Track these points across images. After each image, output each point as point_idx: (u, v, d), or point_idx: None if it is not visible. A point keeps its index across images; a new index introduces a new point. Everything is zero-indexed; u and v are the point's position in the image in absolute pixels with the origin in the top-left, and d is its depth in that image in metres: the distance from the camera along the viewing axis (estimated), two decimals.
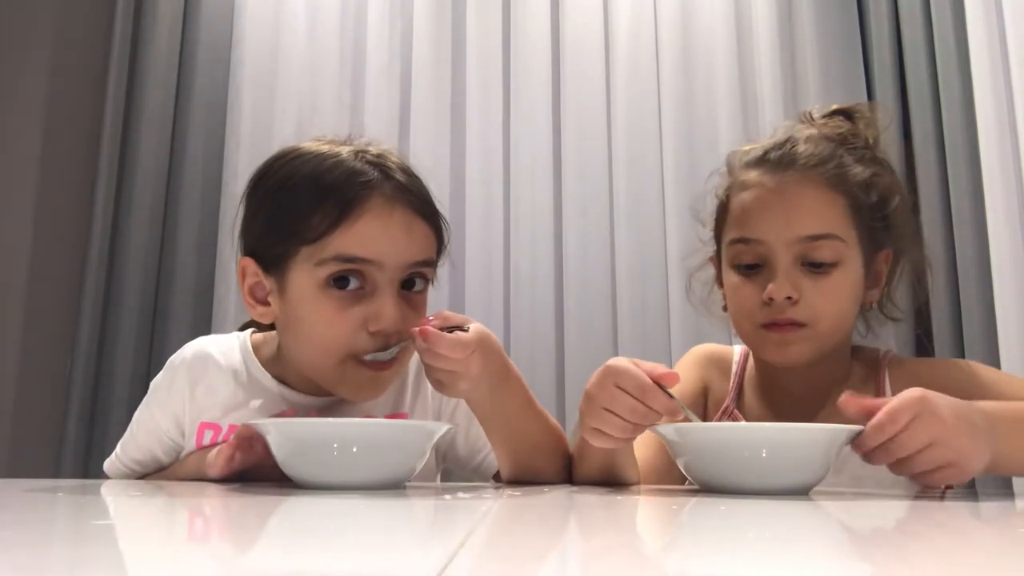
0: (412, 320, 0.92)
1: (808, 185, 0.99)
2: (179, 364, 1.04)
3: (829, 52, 2.11)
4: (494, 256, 2.12)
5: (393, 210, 0.91)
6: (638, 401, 0.80)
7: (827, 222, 0.98)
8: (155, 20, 2.16)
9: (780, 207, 0.99)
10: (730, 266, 1.04)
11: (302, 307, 0.92)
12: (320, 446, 0.78)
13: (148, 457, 1.05)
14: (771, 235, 0.99)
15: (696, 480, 0.82)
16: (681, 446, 0.81)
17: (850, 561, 0.44)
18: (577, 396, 1.96)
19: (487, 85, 2.20)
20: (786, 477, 0.77)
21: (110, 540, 0.47)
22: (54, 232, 2.16)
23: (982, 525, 0.65)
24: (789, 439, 0.78)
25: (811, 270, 0.98)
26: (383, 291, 0.91)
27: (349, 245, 0.89)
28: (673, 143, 2.13)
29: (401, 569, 0.38)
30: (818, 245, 0.97)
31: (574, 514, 0.70)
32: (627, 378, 0.80)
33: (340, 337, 0.91)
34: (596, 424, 0.82)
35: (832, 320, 0.99)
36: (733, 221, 1.04)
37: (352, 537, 0.50)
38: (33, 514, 0.62)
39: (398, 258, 0.91)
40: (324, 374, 0.94)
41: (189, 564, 0.40)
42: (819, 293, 0.98)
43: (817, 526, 0.60)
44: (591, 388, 0.83)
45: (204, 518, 0.64)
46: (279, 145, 1.03)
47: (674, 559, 0.44)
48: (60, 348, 2.06)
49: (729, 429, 0.91)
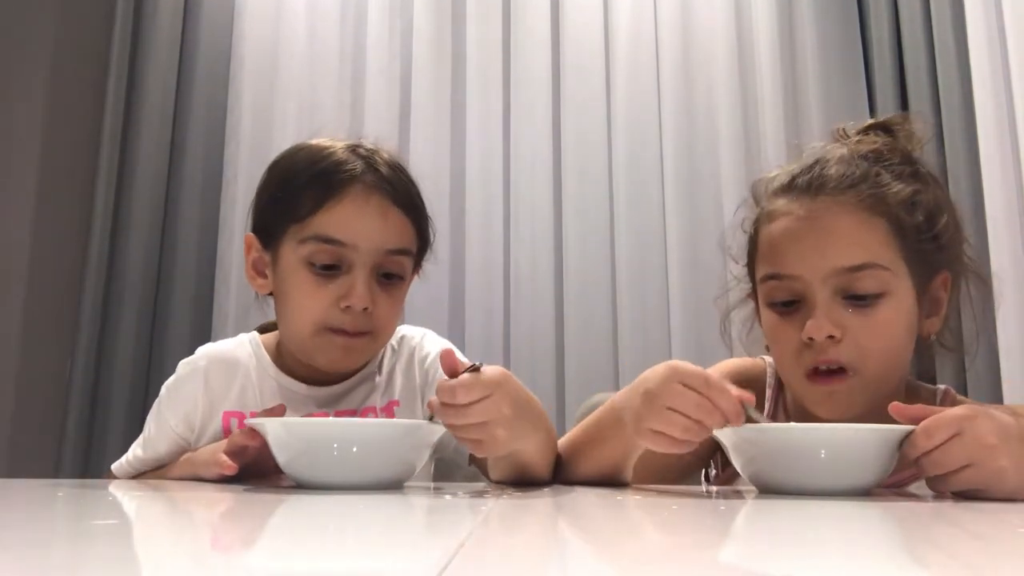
0: (385, 305, 1.01)
1: (842, 210, 0.90)
2: (189, 364, 1.09)
3: (829, 52, 2.11)
4: (494, 256, 2.12)
5: (370, 197, 1.00)
6: (704, 397, 0.75)
7: (867, 250, 0.89)
8: (155, 20, 2.16)
9: (813, 237, 0.90)
10: (765, 305, 0.95)
11: (287, 281, 1.02)
12: (320, 446, 0.78)
13: (152, 456, 1.07)
14: (805, 269, 0.90)
15: (754, 481, 0.80)
16: (739, 447, 0.79)
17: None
18: (577, 396, 1.98)
19: (487, 85, 2.20)
20: (845, 478, 0.75)
21: (111, 540, 0.47)
22: (54, 232, 2.16)
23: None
24: (849, 439, 0.76)
25: (854, 304, 0.89)
26: (356, 272, 0.99)
27: (327, 226, 0.99)
28: (673, 143, 2.13)
29: (401, 569, 0.39)
30: (859, 276, 0.88)
31: (574, 514, 0.70)
32: (693, 376, 0.77)
33: (315, 309, 0.99)
34: (659, 425, 0.77)
35: (881, 360, 0.90)
36: (763, 256, 0.95)
37: (352, 537, 0.50)
38: (33, 514, 0.62)
39: (371, 242, 0.99)
40: (303, 344, 1.02)
41: (189, 564, 0.40)
42: (865, 330, 0.88)
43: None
44: (654, 387, 0.78)
45: (204, 518, 0.64)
46: (279, 145, 1.12)
47: (678, 560, 0.44)
48: (60, 348, 2.06)
49: (788, 430, 0.84)
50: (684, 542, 0.52)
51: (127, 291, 2.05)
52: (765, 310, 0.95)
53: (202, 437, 1.05)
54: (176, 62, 2.18)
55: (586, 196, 2.13)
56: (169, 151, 2.14)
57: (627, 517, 0.66)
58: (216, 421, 1.05)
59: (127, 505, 0.69)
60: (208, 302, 2.08)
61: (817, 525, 0.59)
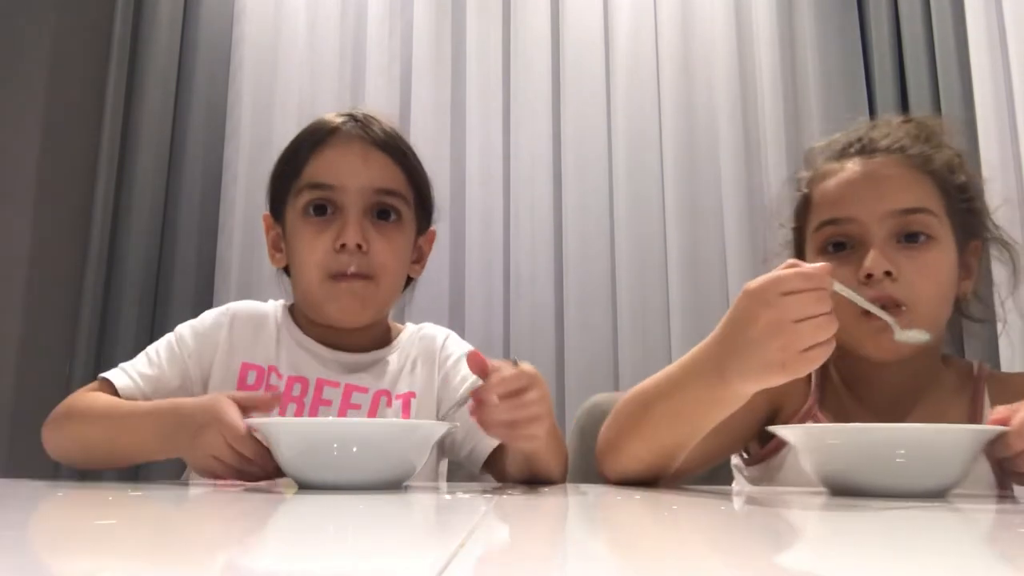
0: (381, 245, 1.06)
1: (895, 164, 0.98)
2: (218, 310, 1.15)
3: (829, 52, 2.11)
4: (494, 256, 2.12)
5: (351, 142, 1.08)
6: (813, 290, 0.73)
7: (919, 197, 0.96)
8: (155, 20, 2.16)
9: (870, 184, 0.97)
10: (818, 253, 1.00)
11: (293, 238, 1.09)
12: (320, 446, 0.78)
13: (157, 373, 1.07)
14: (862, 211, 0.96)
15: (827, 483, 0.79)
16: (812, 448, 0.77)
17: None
18: (577, 396, 1.98)
19: (487, 85, 2.20)
20: (925, 480, 0.73)
21: (111, 540, 0.47)
22: (54, 232, 2.16)
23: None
24: (929, 440, 0.74)
25: (907, 246, 0.94)
26: (348, 212, 1.06)
27: (315, 172, 1.08)
28: (673, 143, 2.13)
29: (401, 569, 0.38)
30: (913, 219, 0.94)
31: (575, 513, 0.70)
32: (786, 281, 0.73)
33: (316, 254, 1.06)
34: (808, 342, 0.72)
35: (932, 301, 0.94)
36: (819, 207, 1.01)
37: (352, 537, 0.50)
38: (33, 514, 0.62)
39: (356, 182, 1.06)
40: (315, 299, 1.08)
41: (190, 564, 0.40)
42: (917, 270, 0.93)
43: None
44: (772, 319, 0.72)
45: (204, 518, 0.64)
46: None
47: (685, 562, 0.44)
48: (60, 348, 2.06)
49: (864, 430, 0.82)
50: (684, 542, 0.52)
51: (127, 290, 2.05)
52: (817, 258, 0.99)
53: (207, 386, 1.07)
54: (176, 62, 2.18)
55: (586, 196, 2.13)
56: (169, 151, 2.15)
57: (629, 516, 0.66)
58: (231, 370, 1.08)
59: (127, 505, 0.69)
60: (208, 302, 2.08)
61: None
